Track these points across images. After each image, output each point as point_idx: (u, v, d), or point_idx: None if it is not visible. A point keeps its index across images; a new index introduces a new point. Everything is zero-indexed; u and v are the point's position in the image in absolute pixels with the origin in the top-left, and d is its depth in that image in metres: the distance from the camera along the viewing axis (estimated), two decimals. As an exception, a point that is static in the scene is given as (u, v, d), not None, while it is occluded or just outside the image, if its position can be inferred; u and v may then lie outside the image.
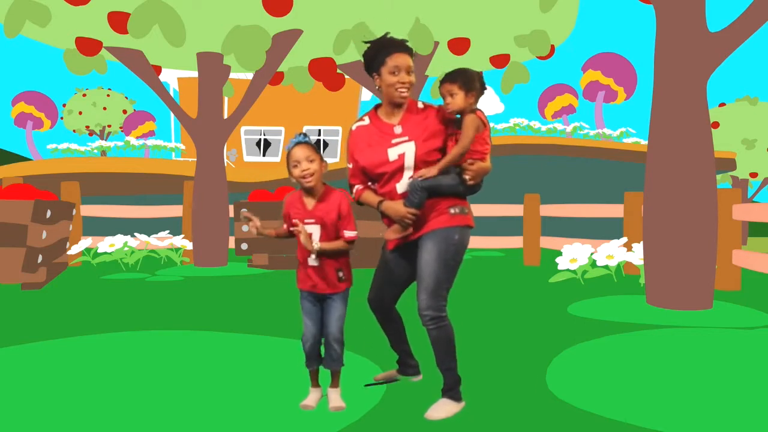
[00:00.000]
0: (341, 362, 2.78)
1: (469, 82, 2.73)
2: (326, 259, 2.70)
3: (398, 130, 2.82)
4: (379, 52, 2.79)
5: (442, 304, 2.71)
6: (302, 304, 2.78)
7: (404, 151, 2.79)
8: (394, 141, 2.81)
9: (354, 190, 2.98)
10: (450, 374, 2.77)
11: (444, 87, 2.76)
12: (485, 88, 2.82)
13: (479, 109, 2.80)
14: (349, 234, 2.71)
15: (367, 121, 2.90)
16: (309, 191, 2.71)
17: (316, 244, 2.66)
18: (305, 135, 2.71)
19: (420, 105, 2.88)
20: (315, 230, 2.69)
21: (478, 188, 2.83)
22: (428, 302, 2.69)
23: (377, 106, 2.93)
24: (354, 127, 2.92)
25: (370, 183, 2.95)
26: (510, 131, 18.07)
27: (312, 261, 2.70)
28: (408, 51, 2.80)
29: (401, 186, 2.80)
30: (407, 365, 3.25)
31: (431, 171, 2.73)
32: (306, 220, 2.69)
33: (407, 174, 2.80)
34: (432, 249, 2.73)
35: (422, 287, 2.72)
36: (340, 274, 2.74)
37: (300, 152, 2.65)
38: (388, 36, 2.85)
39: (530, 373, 3.40)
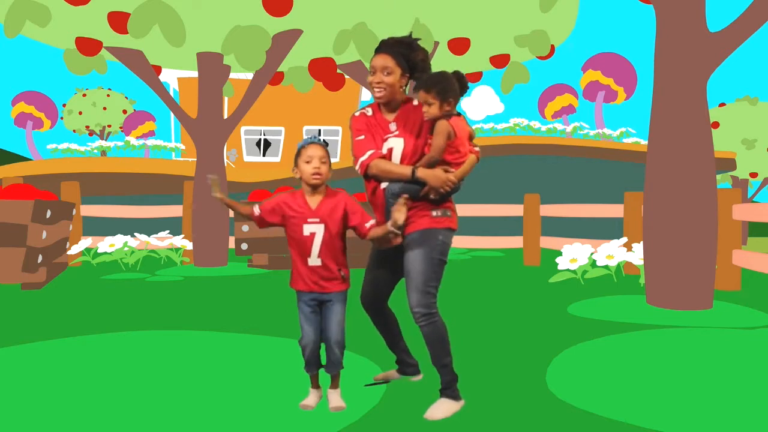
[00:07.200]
0: (341, 365, 2.77)
1: (445, 91, 2.71)
2: (327, 259, 2.70)
3: (392, 126, 2.86)
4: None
5: (432, 301, 2.75)
6: (301, 308, 2.74)
7: (393, 146, 2.82)
8: (386, 136, 2.85)
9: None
10: (445, 371, 2.77)
11: (420, 95, 2.74)
12: (466, 87, 2.79)
13: (456, 114, 2.78)
14: (371, 224, 2.72)
15: (369, 112, 2.93)
16: (313, 190, 2.71)
17: (398, 218, 2.63)
18: (320, 138, 2.72)
19: (415, 102, 2.89)
20: (318, 230, 2.68)
21: (454, 191, 2.81)
22: (418, 299, 2.72)
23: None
24: (357, 113, 2.93)
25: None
26: (510, 131, 18.06)
27: (313, 261, 2.69)
28: (388, 51, 2.80)
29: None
30: (406, 364, 3.25)
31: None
32: (309, 219, 2.69)
33: None
34: (417, 249, 2.76)
35: (411, 286, 2.75)
36: (342, 273, 2.74)
37: (315, 151, 2.67)
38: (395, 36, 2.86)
39: (530, 373, 3.40)
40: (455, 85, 2.75)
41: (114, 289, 7.15)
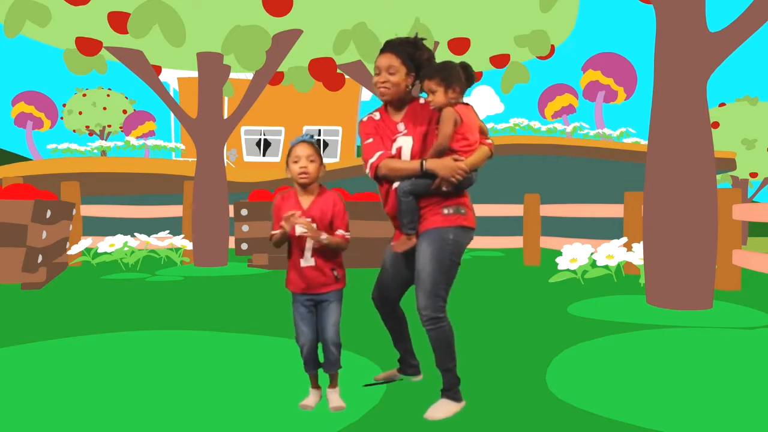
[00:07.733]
0: (339, 365, 2.77)
1: (449, 77, 2.69)
2: (320, 259, 2.69)
3: (401, 126, 2.85)
4: None
5: (440, 304, 2.70)
6: (296, 308, 2.74)
7: (402, 144, 2.81)
8: (394, 137, 2.84)
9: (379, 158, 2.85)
10: (449, 375, 2.76)
11: (424, 84, 2.73)
12: (472, 79, 2.77)
13: (463, 102, 2.76)
14: (341, 232, 2.70)
15: (377, 116, 2.92)
16: (303, 189, 2.71)
17: (324, 235, 2.63)
18: (311, 136, 2.73)
19: (422, 101, 2.89)
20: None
21: (468, 183, 2.77)
22: (426, 302, 2.68)
23: (386, 104, 2.93)
24: (365, 118, 2.92)
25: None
26: (510, 131, 18.08)
27: (306, 261, 2.69)
28: (392, 50, 2.80)
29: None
30: (408, 364, 3.25)
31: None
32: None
33: None
34: (426, 249, 2.72)
35: (420, 288, 2.71)
36: (335, 273, 2.72)
37: (302, 150, 2.67)
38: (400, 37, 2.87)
39: (530, 373, 3.40)
40: (460, 73, 2.72)
41: (114, 289, 7.15)
